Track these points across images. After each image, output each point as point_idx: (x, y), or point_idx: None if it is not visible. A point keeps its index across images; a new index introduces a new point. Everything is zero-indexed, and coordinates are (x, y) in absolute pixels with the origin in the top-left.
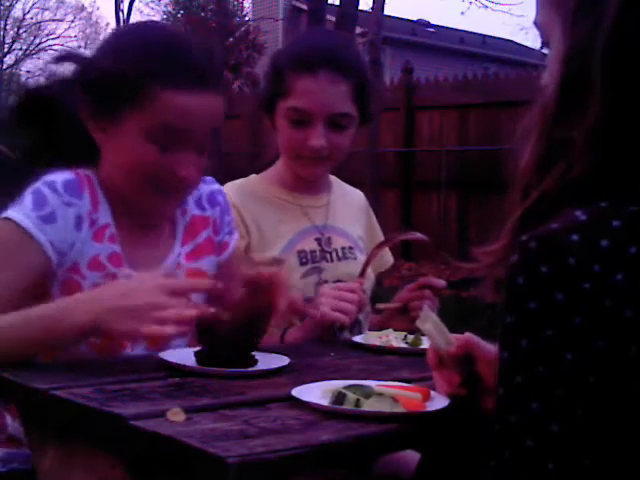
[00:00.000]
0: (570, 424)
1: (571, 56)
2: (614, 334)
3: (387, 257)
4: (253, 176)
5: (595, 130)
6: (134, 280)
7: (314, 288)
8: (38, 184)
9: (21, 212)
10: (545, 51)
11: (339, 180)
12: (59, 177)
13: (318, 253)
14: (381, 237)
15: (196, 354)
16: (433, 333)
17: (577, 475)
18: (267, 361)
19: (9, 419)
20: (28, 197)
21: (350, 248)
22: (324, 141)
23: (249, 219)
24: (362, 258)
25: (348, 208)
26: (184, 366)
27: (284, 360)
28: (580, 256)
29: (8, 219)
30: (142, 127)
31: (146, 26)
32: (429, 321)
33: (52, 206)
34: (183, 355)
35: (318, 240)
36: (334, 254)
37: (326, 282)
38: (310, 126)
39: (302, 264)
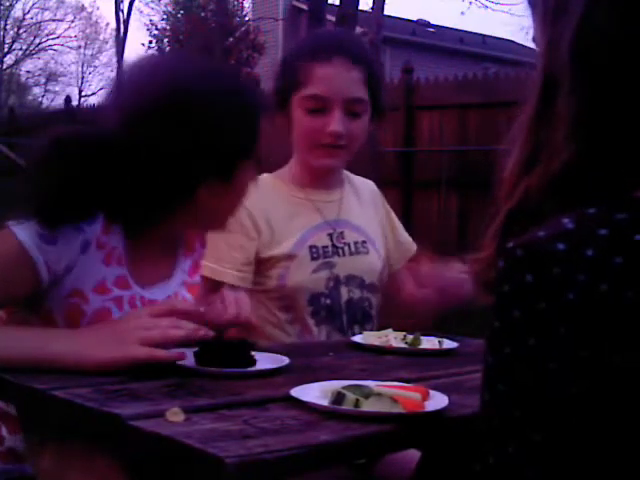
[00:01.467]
0: (552, 433)
1: (547, 55)
2: (598, 344)
3: (409, 245)
4: (265, 175)
5: (571, 127)
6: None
7: (325, 283)
8: None
9: (23, 225)
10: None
11: (350, 174)
12: None
13: (330, 248)
14: (397, 222)
15: (195, 354)
16: None
17: None
18: (266, 361)
19: (5, 431)
20: None
21: (363, 242)
22: (343, 127)
23: (260, 217)
24: (375, 252)
25: (361, 201)
26: (183, 366)
27: (283, 360)
28: (565, 266)
29: (10, 230)
30: None
31: None
32: None
33: (58, 228)
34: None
35: (330, 235)
36: (346, 248)
37: (337, 277)
38: (328, 113)
39: (313, 259)
